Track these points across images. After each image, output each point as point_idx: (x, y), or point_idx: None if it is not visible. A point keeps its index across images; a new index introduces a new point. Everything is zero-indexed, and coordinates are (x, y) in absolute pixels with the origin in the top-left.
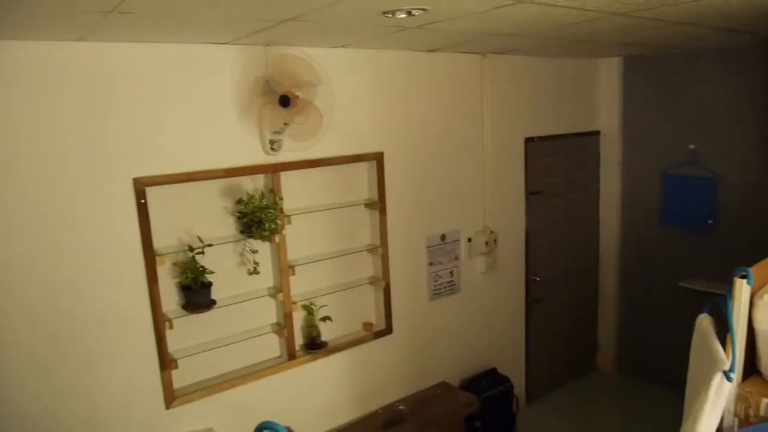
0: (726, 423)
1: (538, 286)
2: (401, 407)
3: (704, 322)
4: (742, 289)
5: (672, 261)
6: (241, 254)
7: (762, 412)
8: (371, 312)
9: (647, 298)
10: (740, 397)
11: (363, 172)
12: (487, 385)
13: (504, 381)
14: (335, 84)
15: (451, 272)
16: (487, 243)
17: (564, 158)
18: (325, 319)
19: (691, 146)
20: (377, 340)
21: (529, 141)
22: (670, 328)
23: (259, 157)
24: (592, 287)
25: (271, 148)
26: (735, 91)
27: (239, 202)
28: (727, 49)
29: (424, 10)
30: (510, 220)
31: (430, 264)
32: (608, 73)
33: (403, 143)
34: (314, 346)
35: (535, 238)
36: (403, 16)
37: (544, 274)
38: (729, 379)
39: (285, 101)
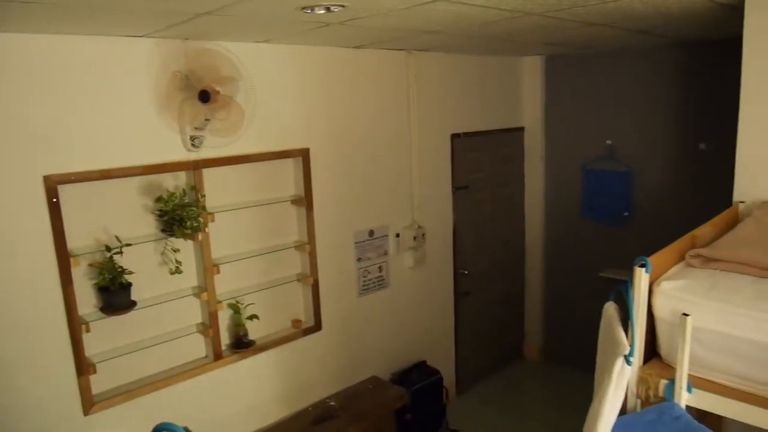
0: (629, 404)
1: (467, 279)
2: (332, 403)
3: (610, 309)
4: (641, 278)
5: (593, 252)
6: (163, 253)
7: (661, 393)
8: (300, 309)
9: (571, 288)
10: (641, 380)
11: (289, 168)
12: (417, 377)
13: (434, 373)
14: (258, 80)
15: (379, 267)
16: (415, 238)
17: (490, 154)
18: (252, 317)
19: (608, 142)
20: (306, 337)
21: (455, 137)
22: (592, 317)
23: (180, 154)
24: (519, 279)
25: (192, 145)
26: (648, 89)
27: (159, 200)
28: (641, 50)
29: (342, 6)
30: (438, 214)
31: (359, 260)
32: (531, 71)
33: (330, 139)
34: (241, 345)
35: (462, 232)
36: (322, 12)
37: (472, 267)
38: (629, 363)
39: (205, 97)
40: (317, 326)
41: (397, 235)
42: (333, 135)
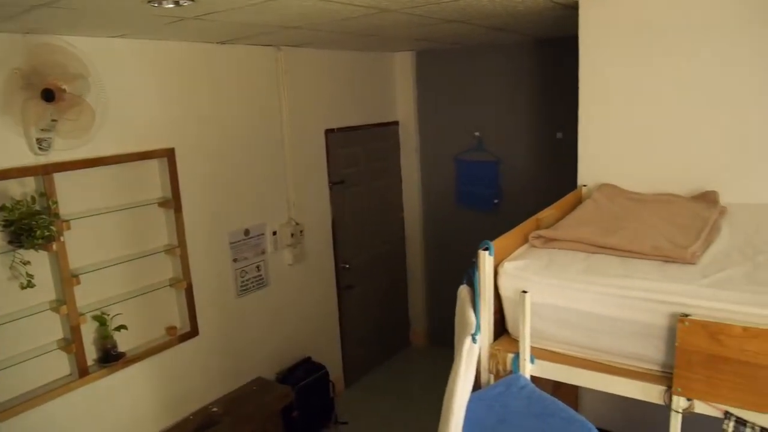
0: (483, 380)
1: (349, 272)
2: (214, 409)
3: (462, 292)
4: (485, 260)
5: (467, 238)
6: (11, 267)
7: (509, 367)
8: (174, 315)
9: (450, 274)
10: (492, 356)
11: (154, 169)
12: (302, 374)
13: (319, 368)
14: (113, 77)
15: (258, 267)
16: (293, 235)
17: (365, 148)
18: (120, 328)
19: (477, 133)
20: (183, 344)
21: (329, 132)
22: None
23: (26, 158)
24: (401, 268)
25: (39, 148)
26: (511, 83)
27: (3, 208)
28: (503, 46)
29: (192, 0)
30: (315, 210)
31: (235, 260)
32: (403, 67)
33: (197, 138)
34: (110, 358)
35: (342, 226)
36: (171, 6)
37: (353, 260)
38: (474, 341)
39: (49, 96)
40: (194, 331)
41: (274, 233)
42: (201, 134)
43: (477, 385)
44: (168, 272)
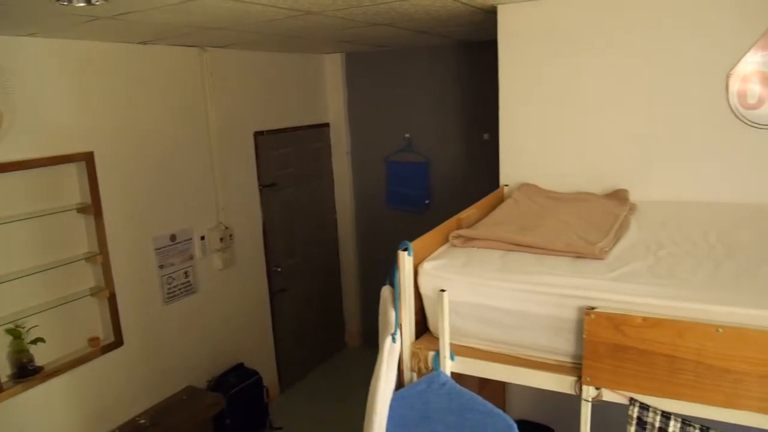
0: (406, 378)
1: (281, 276)
2: (142, 421)
3: (385, 292)
4: (404, 261)
5: (399, 239)
6: None
7: (430, 364)
8: (97, 325)
9: (382, 275)
10: (413, 354)
11: (72, 174)
12: (234, 381)
13: (252, 374)
14: (23, 77)
15: (185, 273)
16: (222, 239)
17: (297, 150)
18: (36, 341)
19: (407, 135)
20: (106, 355)
21: (258, 135)
22: None
23: None
24: (335, 270)
25: None
26: (440, 85)
27: None
28: (432, 48)
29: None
30: (245, 214)
31: (161, 266)
32: (332, 68)
33: (119, 141)
34: (27, 373)
35: (273, 229)
36: (82, 4)
37: (285, 263)
38: (394, 340)
39: None
40: (118, 342)
41: (203, 238)
42: (122, 137)
43: (401, 384)
44: (89, 281)
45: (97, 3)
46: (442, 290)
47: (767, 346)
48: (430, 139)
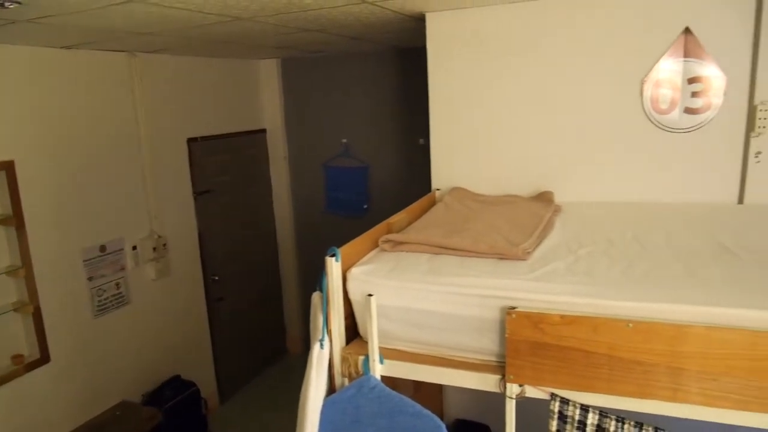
0: (338, 384)
1: (219, 284)
2: None
3: (315, 298)
4: (332, 266)
5: (339, 243)
6: None
7: (360, 369)
8: (21, 342)
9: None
10: (344, 359)
11: None
12: (170, 394)
13: (189, 386)
14: None
15: (117, 284)
16: (155, 248)
17: (234, 156)
18: None
19: (344, 140)
20: (31, 373)
21: (192, 141)
22: None
23: None
24: (275, 276)
25: None
26: (376, 90)
27: None
28: (368, 54)
29: (18, 3)
30: (179, 222)
31: (90, 278)
32: (268, 74)
33: (42, 149)
34: None
35: (210, 237)
36: None
37: (223, 272)
38: (321, 346)
39: None
40: (44, 358)
41: (134, 248)
42: (46, 145)
43: (333, 390)
44: (11, 296)
45: (11, 6)
46: (370, 295)
47: (673, 338)
48: (368, 144)
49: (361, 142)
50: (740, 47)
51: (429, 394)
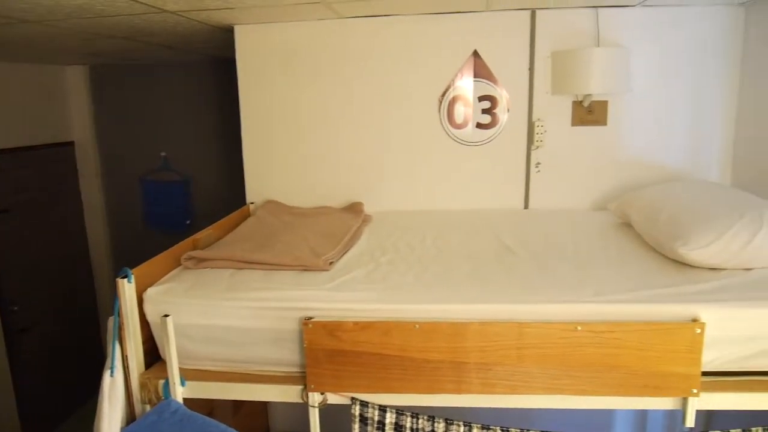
0: (137, 411)
1: (20, 315)
2: None
3: (110, 324)
4: (124, 288)
5: None
6: None
7: (161, 393)
8: None
9: None
10: (143, 385)
11: None
12: None
13: None
14: None
15: None
16: None
17: (36, 172)
18: None
19: (163, 153)
20: None
21: None
22: None
23: None
24: (90, 299)
25: None
26: (198, 101)
27: None
28: (187, 63)
29: None
30: None
31: None
32: (76, 82)
33: None
34: None
35: (7, 263)
36: None
37: (26, 300)
38: (111, 374)
39: None
40: None
41: None
42: None
43: (134, 418)
44: None
45: None
46: (165, 316)
47: (454, 335)
48: (190, 156)
49: (183, 155)
50: (519, 69)
51: (253, 412)
